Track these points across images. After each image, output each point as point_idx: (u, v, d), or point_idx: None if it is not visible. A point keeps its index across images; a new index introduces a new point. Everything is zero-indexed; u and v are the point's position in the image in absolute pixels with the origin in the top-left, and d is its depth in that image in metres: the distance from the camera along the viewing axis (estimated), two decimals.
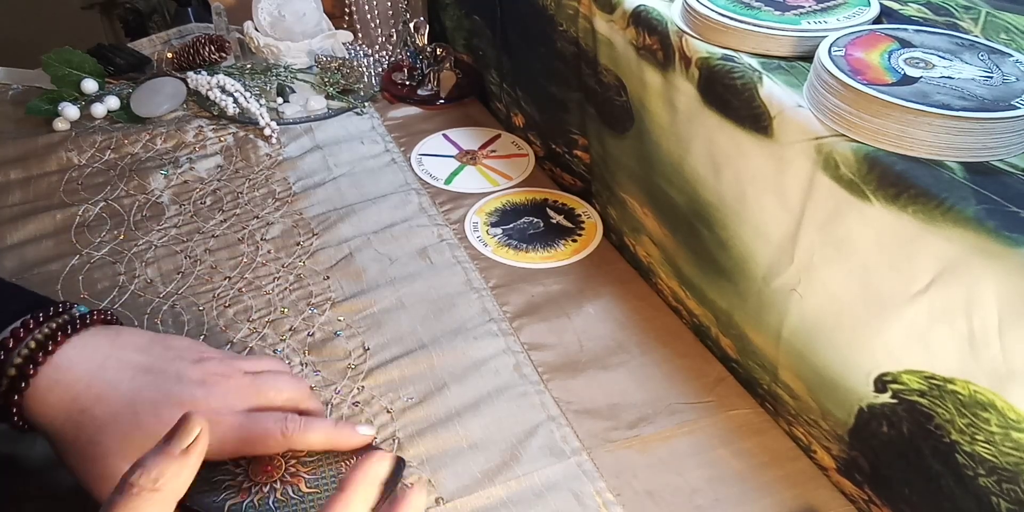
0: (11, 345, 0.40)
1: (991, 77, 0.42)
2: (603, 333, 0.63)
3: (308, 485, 0.44)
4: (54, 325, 0.42)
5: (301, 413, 0.47)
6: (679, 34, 0.53)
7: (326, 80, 0.95)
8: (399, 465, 0.43)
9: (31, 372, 0.40)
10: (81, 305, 0.46)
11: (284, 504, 0.43)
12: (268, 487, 0.44)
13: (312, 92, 0.94)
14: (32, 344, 0.41)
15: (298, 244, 0.72)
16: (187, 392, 0.42)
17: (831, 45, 0.45)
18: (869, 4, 0.51)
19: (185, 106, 0.92)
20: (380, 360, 0.60)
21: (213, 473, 0.44)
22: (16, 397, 0.40)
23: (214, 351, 0.48)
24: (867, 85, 0.41)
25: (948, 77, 0.42)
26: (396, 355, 0.60)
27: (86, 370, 0.41)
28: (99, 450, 0.40)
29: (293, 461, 0.45)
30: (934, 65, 0.43)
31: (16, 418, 0.40)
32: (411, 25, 0.93)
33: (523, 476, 0.52)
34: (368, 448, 0.47)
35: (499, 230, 0.74)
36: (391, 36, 1.02)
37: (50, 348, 0.41)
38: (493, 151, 0.86)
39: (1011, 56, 0.44)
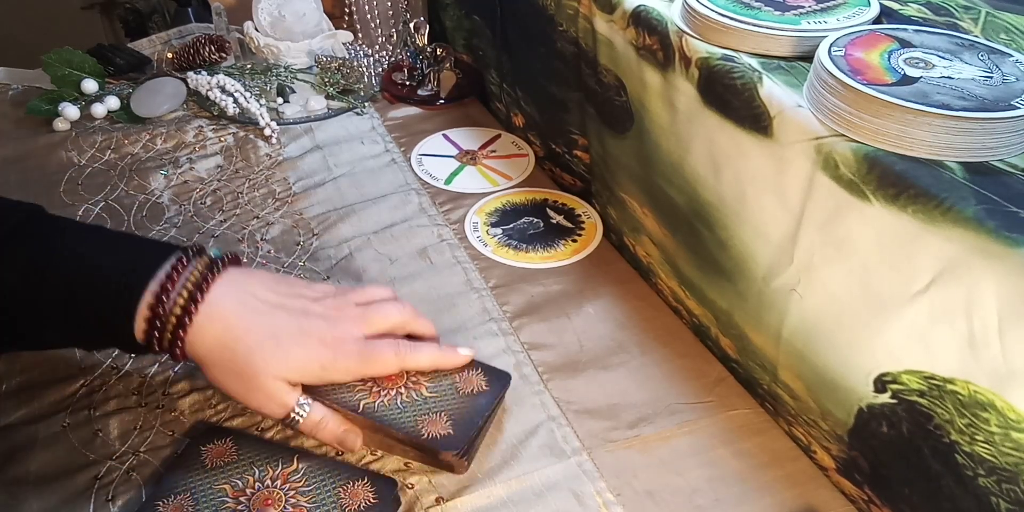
0: (170, 287, 0.46)
1: (991, 77, 0.42)
2: (603, 333, 0.63)
3: (429, 391, 0.52)
4: (201, 266, 0.48)
5: (411, 336, 0.54)
6: (679, 34, 0.53)
7: (326, 80, 0.95)
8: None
9: (193, 310, 0.46)
10: (214, 248, 0.52)
11: (410, 405, 0.51)
12: (395, 391, 0.51)
13: (312, 92, 0.94)
14: (189, 286, 0.47)
15: (298, 244, 0.72)
16: (314, 325, 0.50)
17: (831, 45, 0.45)
18: (869, 4, 0.52)
19: (185, 106, 0.92)
20: None
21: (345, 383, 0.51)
22: (181, 333, 0.46)
23: (327, 287, 0.55)
24: (867, 85, 0.41)
25: (948, 77, 0.42)
26: None
27: (232, 306, 0.48)
28: (251, 370, 0.47)
29: (414, 373, 0.53)
30: (934, 65, 0.43)
31: (179, 351, 0.47)
32: (411, 25, 0.93)
33: (523, 476, 0.52)
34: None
35: (499, 230, 0.74)
36: (391, 36, 1.02)
37: (204, 288, 0.47)
38: (493, 151, 0.86)
39: (1011, 56, 0.44)
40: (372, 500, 0.47)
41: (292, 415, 0.49)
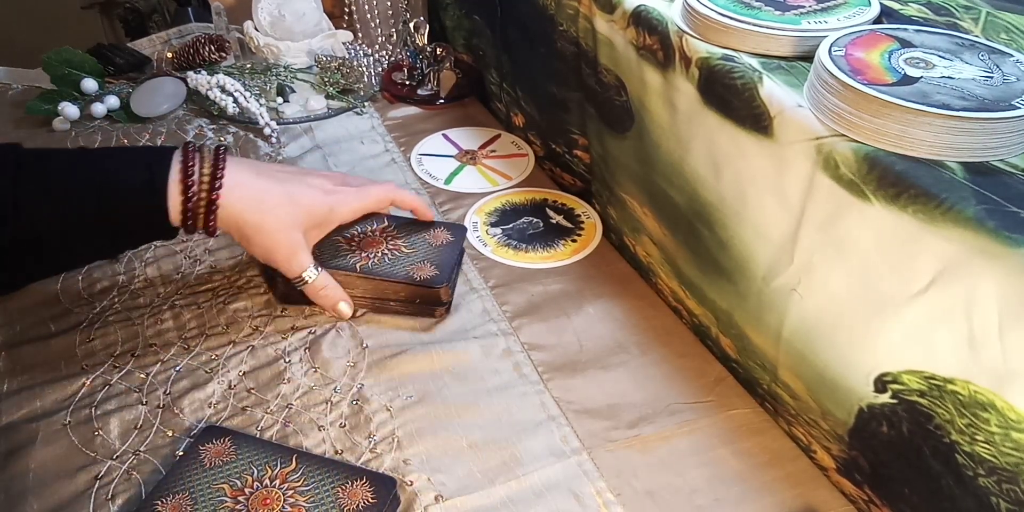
0: (191, 166, 0.53)
1: (991, 77, 0.42)
2: (603, 333, 0.63)
3: (407, 247, 0.65)
4: (208, 151, 0.55)
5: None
6: (679, 34, 0.53)
7: (326, 80, 0.95)
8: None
9: (219, 180, 0.53)
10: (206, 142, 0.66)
11: (396, 259, 0.63)
12: (381, 252, 0.64)
13: (312, 92, 0.94)
14: (207, 165, 0.54)
15: None
16: (317, 182, 0.61)
17: (831, 45, 0.45)
18: (869, 4, 0.52)
19: (185, 106, 0.92)
20: (379, 358, 0.60)
21: (336, 250, 0.64)
22: (215, 201, 0.53)
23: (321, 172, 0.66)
24: (867, 85, 0.41)
25: (948, 77, 0.42)
26: (395, 353, 0.60)
27: (249, 176, 0.56)
28: (273, 225, 0.57)
29: (390, 238, 0.66)
30: (934, 65, 0.43)
31: (213, 223, 0.54)
32: (411, 25, 0.93)
33: (523, 476, 0.52)
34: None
35: (499, 230, 0.74)
36: (391, 36, 1.02)
37: (220, 165, 0.54)
38: (493, 151, 0.86)
39: (1011, 56, 0.44)
40: (371, 499, 0.47)
41: (304, 275, 0.59)
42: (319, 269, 0.60)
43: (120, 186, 0.51)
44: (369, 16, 1.00)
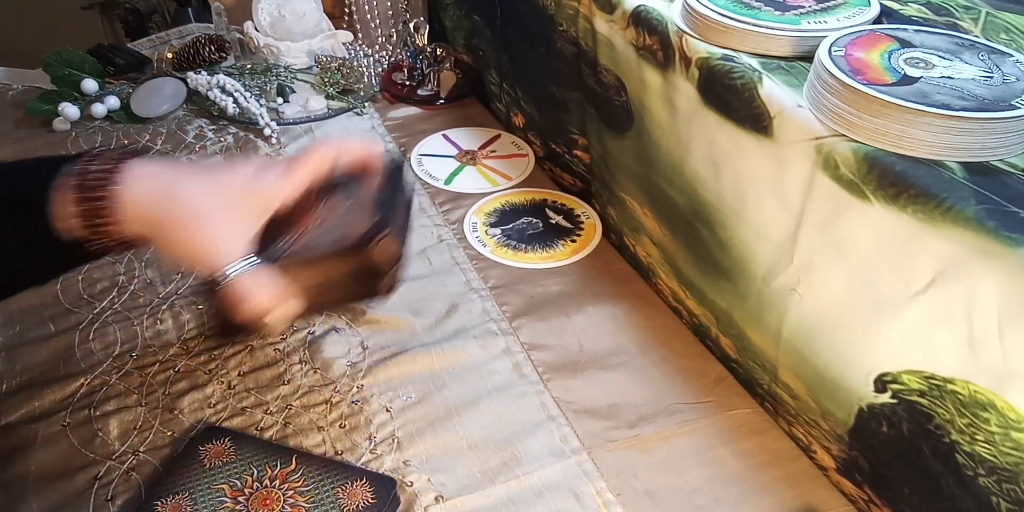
0: (89, 163, 0.44)
1: (991, 77, 0.42)
2: (603, 333, 0.63)
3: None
4: (115, 152, 0.45)
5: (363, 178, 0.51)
6: (679, 34, 0.53)
7: (326, 80, 0.95)
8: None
9: (118, 171, 0.43)
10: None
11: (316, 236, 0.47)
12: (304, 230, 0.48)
13: (312, 92, 0.94)
14: (109, 158, 0.44)
15: None
16: (244, 168, 0.48)
17: (831, 45, 0.45)
18: (869, 4, 0.51)
19: (185, 106, 0.92)
20: (379, 358, 0.60)
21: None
22: (111, 191, 0.43)
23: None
24: (867, 85, 0.41)
25: (948, 77, 0.42)
26: (395, 354, 0.60)
27: (156, 169, 0.45)
28: (196, 207, 0.45)
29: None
30: (934, 65, 0.43)
31: (113, 224, 0.43)
32: (411, 25, 0.93)
33: (523, 476, 0.52)
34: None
35: (498, 230, 0.74)
36: (391, 36, 1.02)
37: (123, 158, 0.44)
38: (493, 151, 0.86)
39: (1011, 56, 0.44)
40: (371, 500, 0.47)
41: (227, 269, 0.44)
42: (253, 263, 0.45)
43: (11, 184, 0.44)
44: (369, 16, 1.00)
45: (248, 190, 0.47)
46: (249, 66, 0.98)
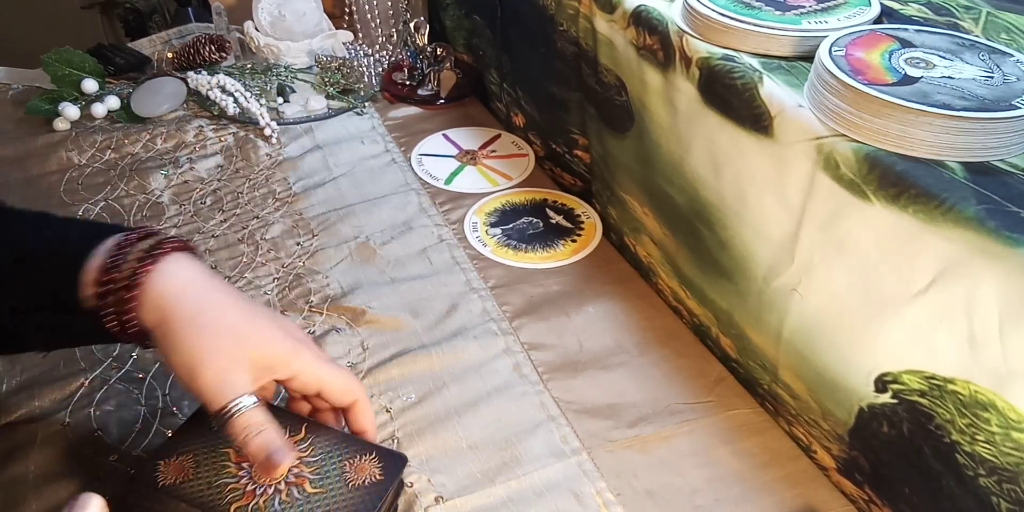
0: (124, 248, 0.42)
1: (992, 77, 0.42)
2: (603, 333, 0.63)
3: (313, 486, 0.45)
4: (154, 239, 0.44)
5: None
6: (679, 34, 0.53)
7: (326, 80, 0.95)
8: (401, 461, 0.46)
9: (149, 267, 0.42)
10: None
11: (290, 505, 0.43)
12: (273, 489, 0.44)
13: (312, 92, 0.94)
14: (143, 247, 0.43)
15: (298, 244, 0.72)
16: (283, 321, 0.47)
17: (832, 45, 0.45)
18: (870, 4, 0.51)
19: (185, 106, 0.92)
20: (379, 359, 0.60)
21: (217, 477, 0.44)
22: (139, 282, 0.41)
23: None
24: (868, 85, 0.41)
25: (949, 77, 0.42)
26: (395, 354, 0.60)
27: (197, 270, 0.44)
28: (215, 323, 0.42)
29: (297, 462, 0.45)
30: (935, 65, 0.43)
31: (132, 306, 0.42)
32: (411, 25, 0.93)
33: (523, 476, 0.52)
34: (373, 446, 0.48)
35: (498, 230, 0.74)
36: (391, 36, 1.02)
37: (159, 252, 0.43)
38: (493, 151, 0.86)
39: (1012, 56, 0.44)
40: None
41: (231, 405, 0.41)
42: (257, 400, 0.42)
43: (36, 245, 0.44)
44: (369, 16, 1.00)
45: (281, 340, 0.44)
46: (249, 66, 0.98)
